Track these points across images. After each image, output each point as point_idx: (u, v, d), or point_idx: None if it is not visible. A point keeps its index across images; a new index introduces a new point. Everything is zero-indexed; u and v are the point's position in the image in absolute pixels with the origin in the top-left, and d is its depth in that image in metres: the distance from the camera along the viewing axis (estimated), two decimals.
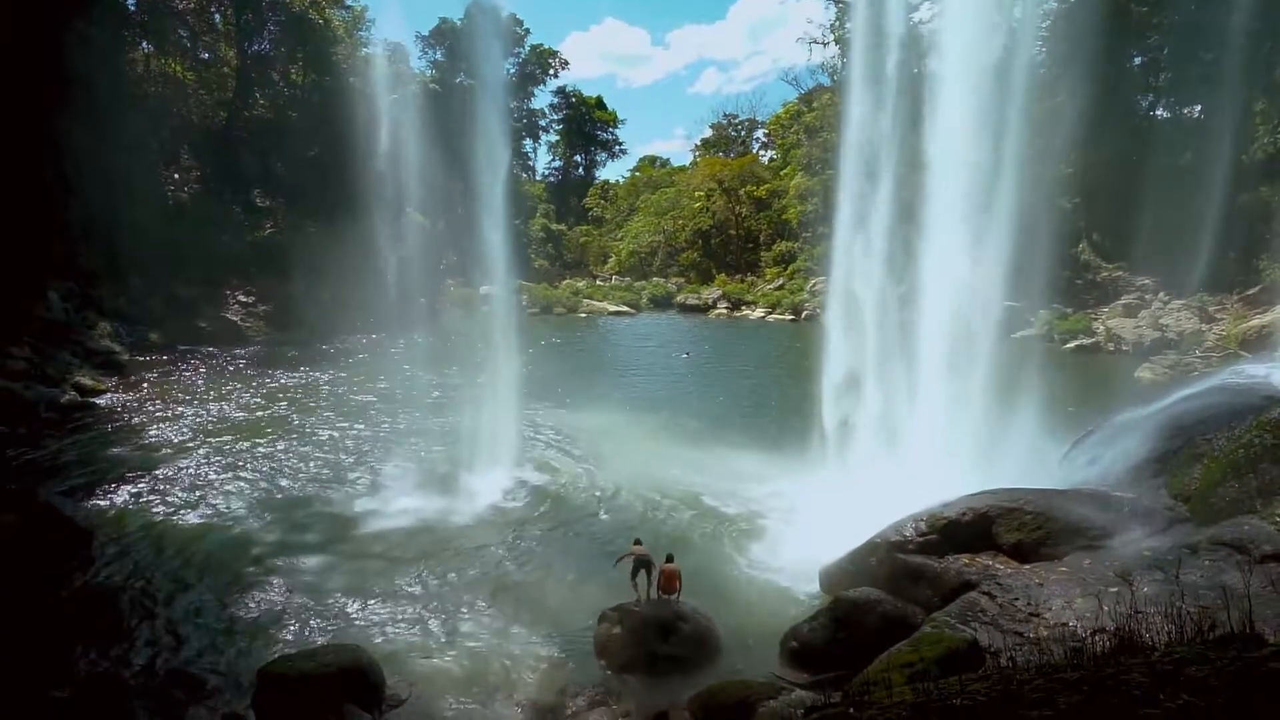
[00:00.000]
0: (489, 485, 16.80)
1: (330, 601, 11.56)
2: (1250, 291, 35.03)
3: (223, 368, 29.45)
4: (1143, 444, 12.41)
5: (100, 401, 22.81)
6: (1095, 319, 39.12)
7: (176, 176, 41.14)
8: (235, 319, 36.91)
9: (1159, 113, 45.87)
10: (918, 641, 7.58)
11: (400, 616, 11.20)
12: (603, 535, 14.67)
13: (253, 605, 11.38)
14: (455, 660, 10.09)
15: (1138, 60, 44.63)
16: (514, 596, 12.06)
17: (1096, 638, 5.28)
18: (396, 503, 15.84)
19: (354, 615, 11.20)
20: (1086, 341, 37.66)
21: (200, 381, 26.77)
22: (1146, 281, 39.85)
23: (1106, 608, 7.31)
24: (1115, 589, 8.17)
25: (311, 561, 12.98)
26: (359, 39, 49.27)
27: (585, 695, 9.12)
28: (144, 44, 41.27)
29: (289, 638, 10.48)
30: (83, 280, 31.33)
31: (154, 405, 22.89)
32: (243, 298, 38.75)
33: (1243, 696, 2.88)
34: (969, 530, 10.54)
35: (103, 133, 32.05)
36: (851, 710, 3.95)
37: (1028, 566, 9.68)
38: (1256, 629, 4.51)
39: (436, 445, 20.23)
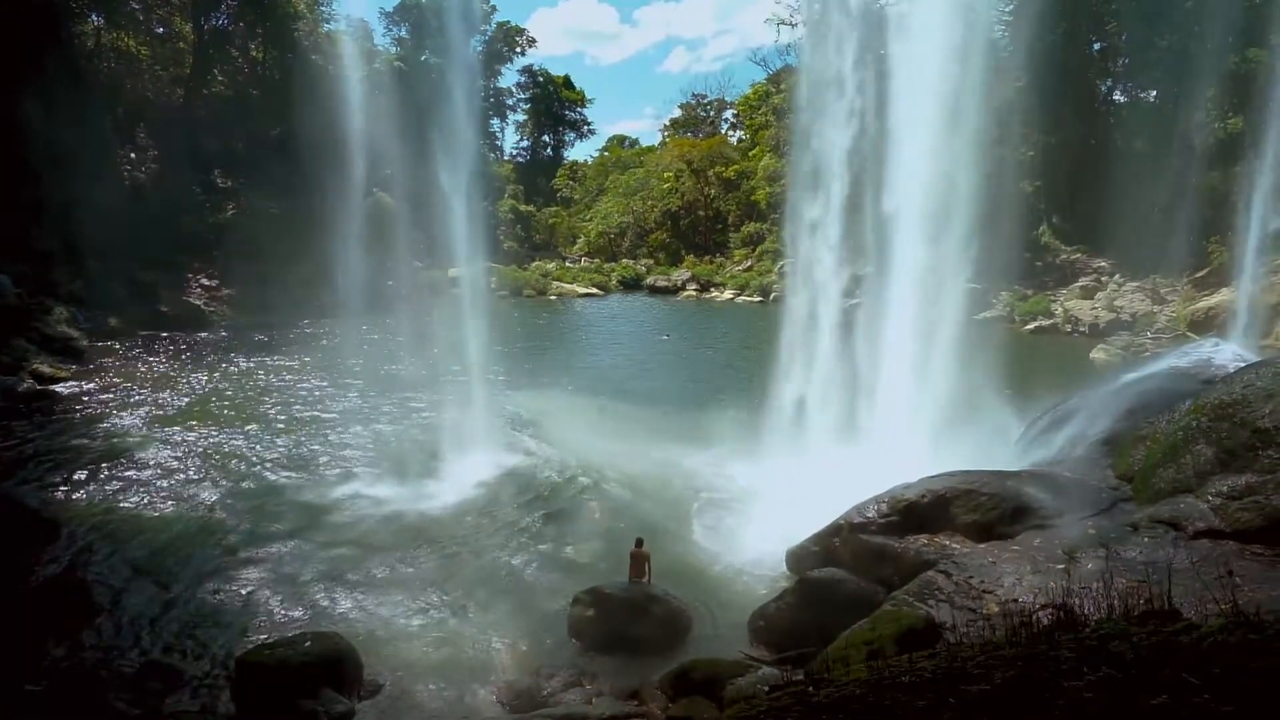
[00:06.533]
0: (462, 471, 16.90)
1: (306, 590, 11.66)
2: (1200, 274, 36.24)
3: (186, 353, 28.95)
4: (1091, 426, 12.99)
5: (60, 390, 22.32)
6: (1054, 301, 40.19)
7: (134, 156, 39.98)
8: (198, 303, 36.22)
9: (1117, 97, 46.96)
10: (876, 620, 7.98)
11: (376, 603, 11.35)
12: (575, 519, 14.91)
13: (227, 595, 11.43)
14: (432, 645, 10.29)
15: (1097, 45, 45.51)
16: (488, 581, 12.27)
17: (1038, 614, 5.68)
18: (369, 489, 15.89)
19: (330, 603, 11.32)
20: (1045, 323, 38.71)
21: (163, 368, 26.33)
22: (1103, 264, 41.00)
23: (1052, 584, 7.75)
24: (1062, 566, 8.67)
25: (285, 550, 13.03)
26: (321, 15, 48.16)
27: (560, 676, 9.40)
28: (94, 16, 39.84)
29: (266, 626, 10.58)
30: (36, 263, 30.45)
31: (116, 393, 22.49)
32: (205, 281, 38.02)
33: (1153, 667, 3.22)
34: (928, 511, 10.98)
35: (54, 109, 31.01)
36: (811, 689, 4.27)
37: (983, 546, 10.14)
38: (1180, 603, 4.94)
39: (408, 431, 20.26)
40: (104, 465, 16.42)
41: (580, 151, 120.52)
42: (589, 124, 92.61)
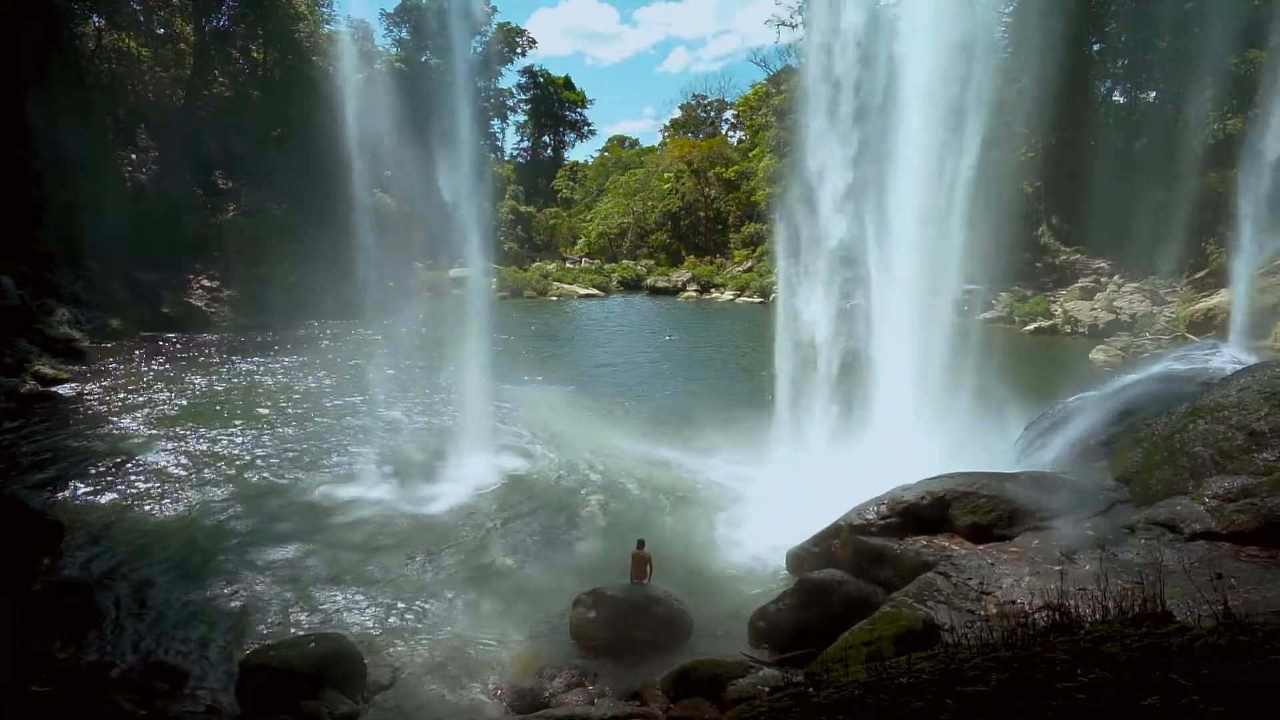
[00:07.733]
0: (464, 472, 16.98)
1: (309, 590, 11.73)
2: (1198, 275, 36.30)
3: (188, 355, 29.02)
4: (1090, 428, 13.07)
5: (62, 391, 22.39)
6: (1054, 301, 40.26)
7: (134, 157, 40.00)
8: (200, 304, 36.27)
9: (1116, 98, 47.01)
10: (876, 621, 8.04)
11: (379, 604, 11.42)
12: (576, 521, 14.98)
13: (231, 595, 11.50)
14: (435, 645, 10.36)
15: (1096, 46, 45.57)
16: (491, 582, 12.34)
17: (1035, 616, 5.75)
18: (372, 491, 15.95)
19: (333, 604, 11.39)
20: (1045, 324, 38.77)
21: (165, 369, 26.40)
22: (1103, 265, 41.08)
23: (1050, 586, 7.82)
24: (1059, 568, 8.74)
25: (288, 551, 13.10)
26: (321, 16, 48.20)
27: (562, 677, 9.47)
28: (95, 17, 39.88)
29: (270, 627, 10.65)
30: (38, 265, 30.55)
31: (119, 394, 22.57)
32: (206, 282, 38.05)
33: (1144, 669, 3.29)
34: (927, 513, 11.04)
35: (55, 110, 31.13)
36: (810, 690, 4.34)
37: (981, 547, 10.20)
38: (1174, 605, 5.01)
39: (409, 432, 20.33)
40: (106, 466, 16.52)
41: (580, 152, 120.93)
42: (589, 124, 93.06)
